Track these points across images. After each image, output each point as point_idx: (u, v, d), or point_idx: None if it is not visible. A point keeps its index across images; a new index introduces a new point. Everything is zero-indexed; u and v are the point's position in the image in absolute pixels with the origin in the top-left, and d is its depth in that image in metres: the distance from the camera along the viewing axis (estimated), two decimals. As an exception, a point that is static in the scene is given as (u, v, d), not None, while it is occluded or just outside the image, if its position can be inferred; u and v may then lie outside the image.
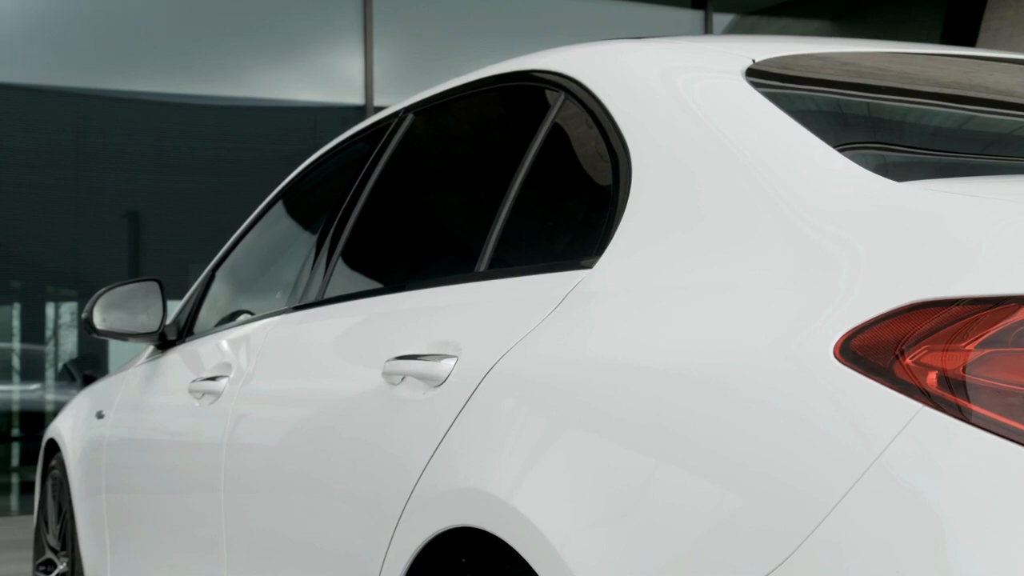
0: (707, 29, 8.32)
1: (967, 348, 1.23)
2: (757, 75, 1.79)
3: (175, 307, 3.38)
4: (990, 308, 1.23)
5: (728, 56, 1.89)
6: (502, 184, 2.06)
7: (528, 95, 2.18)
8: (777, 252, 1.48)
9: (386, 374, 2.00)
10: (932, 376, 1.24)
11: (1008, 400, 1.20)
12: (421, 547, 1.81)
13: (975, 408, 1.21)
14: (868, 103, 1.92)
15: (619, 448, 1.53)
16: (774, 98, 1.71)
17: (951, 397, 1.22)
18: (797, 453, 1.32)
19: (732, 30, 8.72)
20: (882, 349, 1.28)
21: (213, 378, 2.77)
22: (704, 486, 1.40)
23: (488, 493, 1.67)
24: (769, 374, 1.38)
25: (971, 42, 7.65)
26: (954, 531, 1.19)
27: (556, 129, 2.02)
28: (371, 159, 2.57)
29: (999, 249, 1.28)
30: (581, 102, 1.96)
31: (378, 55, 7.59)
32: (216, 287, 3.32)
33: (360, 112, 7.43)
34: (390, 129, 2.56)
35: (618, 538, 1.48)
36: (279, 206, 3.19)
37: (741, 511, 1.36)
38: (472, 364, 1.81)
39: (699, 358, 1.47)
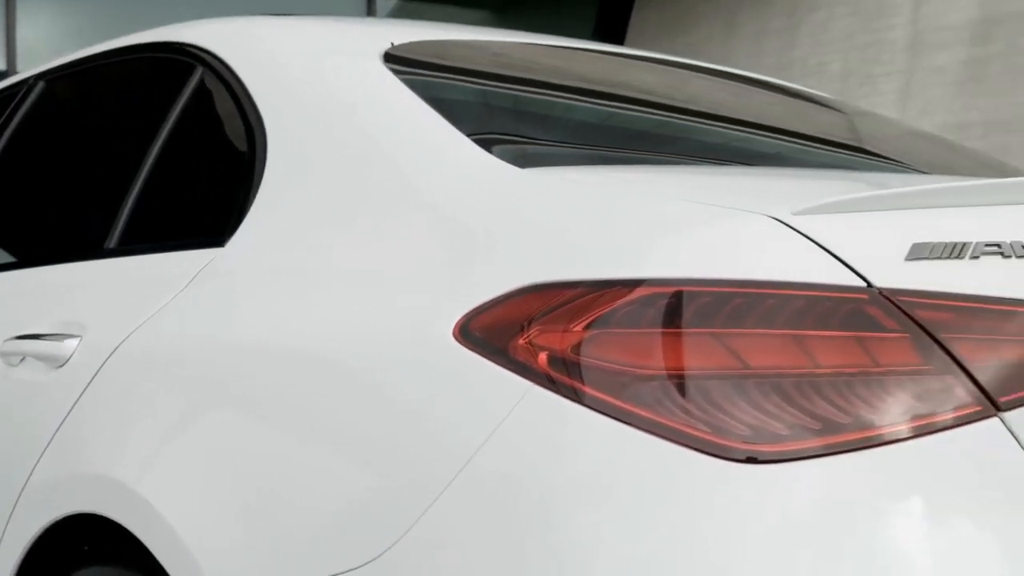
0: (370, 12, 8.33)
1: (576, 329, 1.28)
2: (394, 59, 1.81)
3: None
4: (599, 291, 1.28)
5: (368, 38, 1.90)
6: (136, 159, 1.99)
7: (168, 67, 2.12)
8: (403, 234, 1.50)
9: (3, 354, 1.90)
10: (544, 356, 1.28)
11: (615, 380, 1.25)
12: (39, 533, 1.73)
13: (583, 388, 1.26)
14: (503, 92, 1.98)
15: (246, 432, 1.51)
16: (409, 82, 1.73)
17: (561, 377, 1.27)
18: (419, 435, 1.34)
19: (395, 15, 8.77)
20: (499, 330, 1.31)
21: None
22: (331, 471, 1.41)
23: (111, 478, 1.62)
24: (394, 356, 1.39)
25: (619, 40, 8.01)
26: (560, 511, 1.23)
27: (193, 104, 1.97)
28: (-3, 128, 2.42)
29: (610, 235, 1.34)
30: (220, 77, 1.93)
31: (22, 19, 7.16)
32: None
33: (0, 79, 6.99)
34: (18, 97, 2.43)
35: (243, 525, 1.46)
36: None
37: (366, 495, 1.37)
38: (96, 344, 1.75)
39: (326, 339, 1.47)
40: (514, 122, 1.87)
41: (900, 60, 6.62)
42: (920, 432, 1.22)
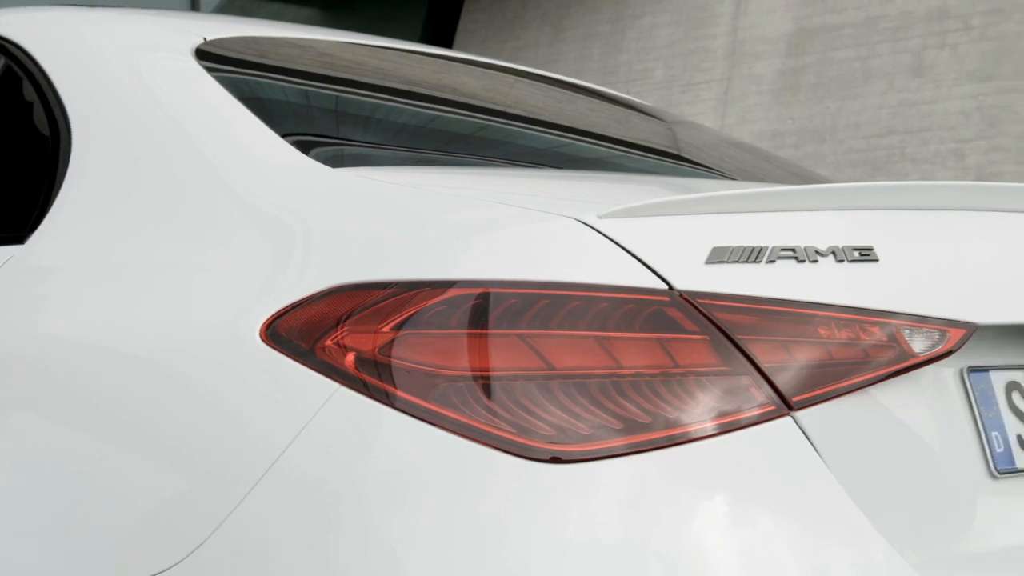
0: (194, 7, 8.17)
1: (383, 330, 1.28)
2: (206, 55, 1.78)
3: None
4: (408, 292, 1.29)
5: (179, 33, 1.86)
6: None
7: None
8: (210, 233, 1.47)
9: None
10: (350, 357, 1.28)
11: (422, 381, 1.26)
12: None
13: (390, 389, 1.26)
14: (319, 91, 1.96)
15: (48, 434, 1.47)
16: (221, 79, 1.71)
17: (368, 378, 1.27)
18: (226, 436, 1.33)
19: (221, 11, 8.62)
20: (305, 331, 1.30)
21: None
22: (137, 472, 1.38)
23: None
24: (202, 355, 1.37)
25: (448, 42, 8.04)
26: (366, 512, 1.23)
27: None
28: None
29: (420, 236, 1.34)
30: (25, 69, 1.86)
31: None
32: None
33: None
34: None
35: (45, 529, 1.42)
36: None
37: (173, 496, 1.34)
38: None
39: (131, 337, 1.44)
40: (329, 122, 1.85)
41: (720, 68, 6.80)
42: (718, 431, 1.25)
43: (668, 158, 2.33)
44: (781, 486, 1.25)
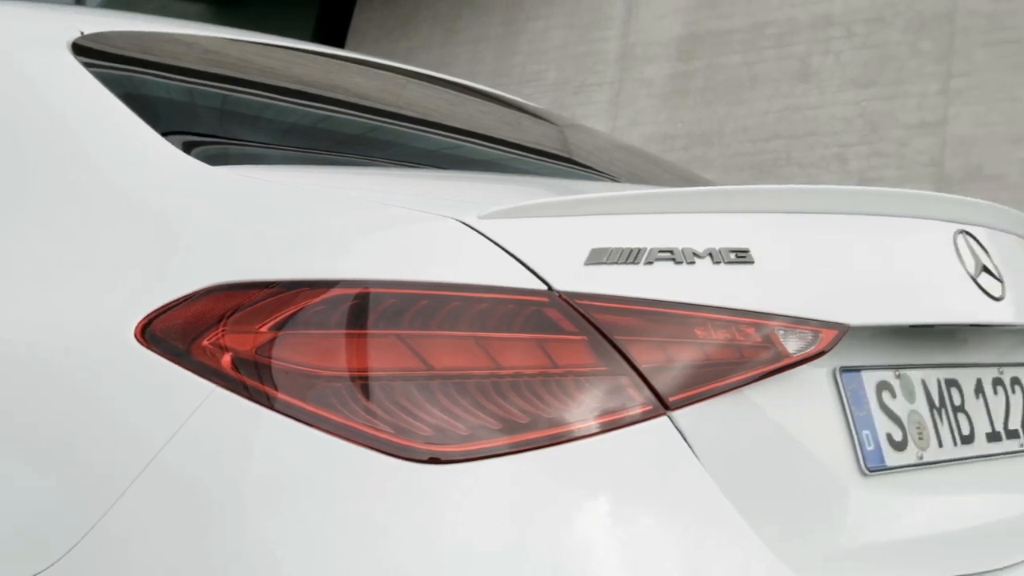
0: (79, 0, 8.00)
1: (261, 330, 1.27)
2: (84, 50, 1.74)
3: None
4: (286, 292, 1.28)
5: (54, 26, 1.82)
6: None
7: None
8: (93, 233, 1.45)
9: None
10: (227, 358, 1.26)
11: (299, 382, 1.25)
12: None
13: (267, 389, 1.25)
14: (200, 88, 1.93)
15: None
16: (98, 75, 1.67)
17: (245, 379, 1.25)
18: (102, 435, 1.31)
19: (108, 5, 8.46)
20: (181, 331, 1.29)
21: None
22: (12, 471, 1.35)
23: None
24: (77, 355, 1.35)
25: (340, 42, 7.98)
26: (244, 512, 1.22)
27: None
28: None
29: (299, 236, 1.33)
30: None
31: None
32: None
33: None
34: None
35: None
36: None
37: (48, 496, 1.32)
38: None
39: (5, 334, 1.41)
40: (211, 120, 1.83)
41: (612, 72, 6.87)
42: (596, 431, 1.26)
43: (556, 160, 2.35)
44: (658, 485, 1.27)
